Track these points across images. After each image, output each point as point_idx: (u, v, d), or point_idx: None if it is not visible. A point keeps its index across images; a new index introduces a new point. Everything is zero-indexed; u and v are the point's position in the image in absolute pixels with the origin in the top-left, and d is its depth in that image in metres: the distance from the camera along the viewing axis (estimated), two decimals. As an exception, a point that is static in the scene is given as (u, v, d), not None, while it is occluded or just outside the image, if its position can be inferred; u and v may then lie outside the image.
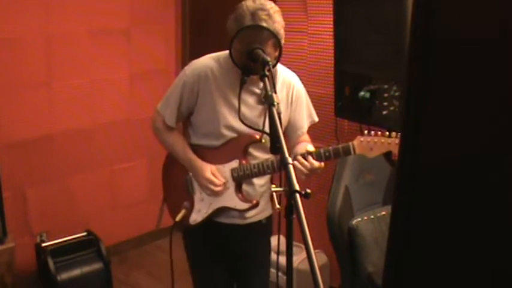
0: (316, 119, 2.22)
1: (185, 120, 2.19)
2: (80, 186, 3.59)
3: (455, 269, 1.00)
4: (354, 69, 2.57)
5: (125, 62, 3.66)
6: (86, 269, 3.18)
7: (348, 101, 2.61)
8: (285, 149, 1.39)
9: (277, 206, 1.82)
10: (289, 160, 1.35)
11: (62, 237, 3.29)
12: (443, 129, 0.96)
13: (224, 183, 2.06)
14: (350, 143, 1.94)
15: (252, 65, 1.79)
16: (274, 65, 1.79)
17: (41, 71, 3.27)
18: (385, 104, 2.37)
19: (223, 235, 2.19)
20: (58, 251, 3.19)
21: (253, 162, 2.04)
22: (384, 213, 2.50)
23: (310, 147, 2.03)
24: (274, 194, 1.89)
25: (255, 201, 2.07)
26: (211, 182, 2.05)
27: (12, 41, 3.11)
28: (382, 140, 1.91)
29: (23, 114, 3.24)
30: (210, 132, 2.07)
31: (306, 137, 2.19)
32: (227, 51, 1.97)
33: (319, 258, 3.04)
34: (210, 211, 2.12)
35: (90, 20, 3.40)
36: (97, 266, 3.22)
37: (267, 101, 1.54)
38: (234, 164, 2.06)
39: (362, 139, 1.93)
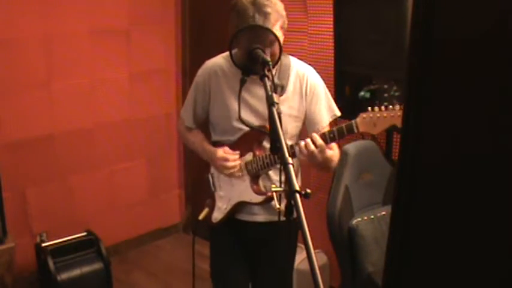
0: (338, 113, 2.16)
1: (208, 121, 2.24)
2: (80, 186, 3.59)
3: (455, 269, 1.00)
4: (354, 69, 2.57)
5: (124, 62, 3.66)
6: (86, 269, 3.18)
7: (348, 101, 2.61)
8: (285, 149, 1.39)
9: (277, 206, 1.81)
10: (289, 160, 1.34)
11: (62, 237, 3.29)
12: (444, 129, 0.96)
13: (238, 160, 2.06)
14: (353, 121, 1.89)
15: (252, 65, 1.79)
16: (275, 64, 1.78)
17: (41, 71, 3.27)
18: (385, 104, 2.36)
19: (245, 233, 2.19)
20: (58, 251, 3.19)
21: (266, 153, 2.04)
22: (384, 213, 2.49)
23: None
24: (274, 194, 1.88)
25: (270, 194, 2.05)
26: (225, 159, 2.06)
27: (12, 41, 3.11)
28: (385, 114, 1.85)
29: (23, 114, 3.24)
30: (225, 128, 2.11)
31: None
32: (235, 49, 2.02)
33: (319, 258, 3.04)
34: (229, 207, 2.13)
35: (90, 20, 3.40)
36: (97, 266, 3.22)
37: (267, 101, 1.54)
38: (249, 157, 2.08)
39: (365, 116, 1.87)
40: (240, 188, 2.11)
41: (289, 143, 2.04)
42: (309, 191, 1.29)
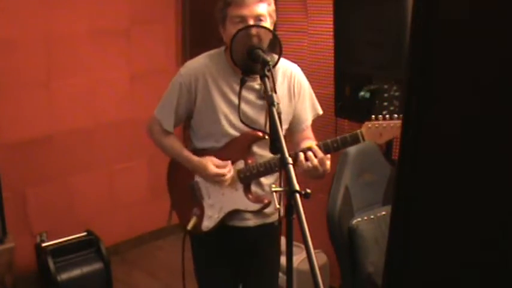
0: (321, 112, 2.13)
1: (186, 126, 2.15)
2: (80, 186, 3.59)
3: (455, 270, 1.00)
4: (354, 69, 2.57)
5: (124, 62, 3.66)
6: (86, 269, 3.18)
7: (348, 101, 2.61)
8: (285, 149, 1.38)
9: (277, 206, 1.81)
10: (289, 160, 1.34)
11: (62, 237, 3.30)
12: (445, 128, 0.96)
13: (230, 170, 2.00)
14: (358, 131, 1.86)
15: (252, 65, 1.77)
16: (275, 64, 1.77)
17: (41, 71, 3.27)
18: (385, 104, 2.37)
19: (235, 238, 2.13)
20: (58, 251, 3.19)
21: (259, 161, 1.99)
22: (384, 213, 2.49)
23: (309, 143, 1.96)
24: (274, 194, 1.87)
25: (266, 201, 2.02)
26: (219, 175, 1.98)
27: (12, 41, 3.11)
28: (392, 124, 1.83)
29: (23, 114, 3.24)
30: (212, 133, 2.03)
31: (310, 132, 2.11)
32: (220, 49, 2.01)
33: (319, 258, 3.04)
34: (221, 215, 2.06)
35: (90, 20, 3.40)
36: (97, 266, 3.23)
37: (267, 101, 1.54)
38: (240, 164, 2.01)
39: (370, 125, 1.85)
40: (232, 197, 2.04)
41: None
42: (309, 191, 1.29)
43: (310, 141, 2.04)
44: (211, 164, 2.00)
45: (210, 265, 2.22)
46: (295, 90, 2.05)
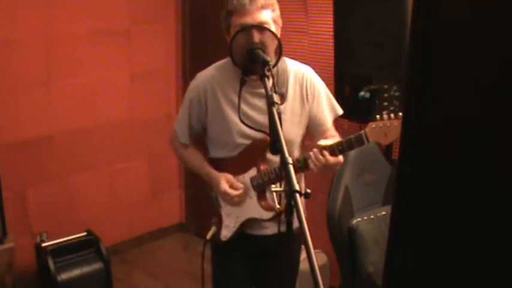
0: (340, 112, 2.09)
1: (205, 136, 2.16)
2: (80, 186, 3.59)
3: (455, 270, 1.00)
4: (354, 69, 2.57)
5: (124, 62, 3.67)
6: (86, 269, 3.19)
7: (348, 101, 2.61)
8: (284, 149, 1.38)
9: (277, 206, 1.80)
10: (289, 160, 1.34)
11: (62, 237, 3.30)
12: (445, 128, 0.96)
13: (242, 193, 2.00)
14: (362, 132, 1.82)
15: (252, 65, 1.76)
16: (275, 64, 1.76)
17: (41, 71, 3.27)
18: (385, 104, 2.37)
19: (253, 246, 2.12)
20: (58, 251, 3.19)
21: (272, 167, 1.96)
22: (384, 213, 2.49)
23: (325, 142, 1.90)
24: (274, 194, 1.86)
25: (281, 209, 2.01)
26: (227, 194, 2.00)
27: (12, 41, 3.11)
28: (396, 124, 1.76)
29: (23, 114, 3.24)
30: (225, 143, 2.03)
31: (333, 132, 2.07)
32: (228, 58, 1.95)
33: (319, 258, 3.04)
34: (237, 225, 2.06)
35: (90, 20, 3.41)
36: (97, 266, 3.23)
37: (267, 101, 1.53)
38: (253, 172, 2.00)
39: (374, 125, 1.79)
40: (247, 205, 2.03)
41: (296, 152, 1.99)
42: (309, 191, 1.29)
43: (335, 138, 1.98)
44: (223, 180, 2.02)
45: (228, 272, 2.21)
46: (309, 92, 2.02)
